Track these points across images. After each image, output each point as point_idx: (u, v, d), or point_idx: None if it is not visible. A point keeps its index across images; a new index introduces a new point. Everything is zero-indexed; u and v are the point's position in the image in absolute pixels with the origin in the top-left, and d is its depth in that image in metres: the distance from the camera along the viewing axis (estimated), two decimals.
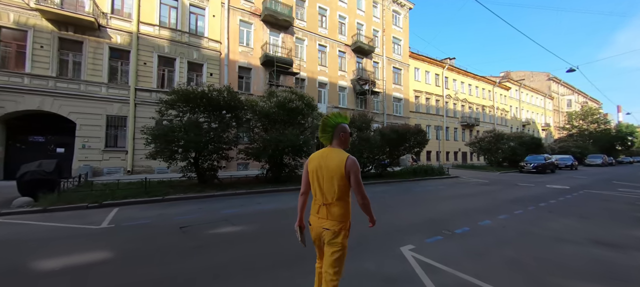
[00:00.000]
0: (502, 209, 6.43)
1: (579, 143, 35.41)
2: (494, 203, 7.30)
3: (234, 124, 9.37)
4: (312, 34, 19.85)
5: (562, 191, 9.97)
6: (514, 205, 7.01)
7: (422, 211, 6.22)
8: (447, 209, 6.41)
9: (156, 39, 14.05)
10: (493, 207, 6.66)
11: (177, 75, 14.52)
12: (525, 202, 7.37)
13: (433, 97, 29.27)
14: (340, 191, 1.78)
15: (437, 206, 6.96)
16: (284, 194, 8.58)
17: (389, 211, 6.21)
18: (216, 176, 9.75)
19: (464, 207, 6.71)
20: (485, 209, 6.52)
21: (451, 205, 7.00)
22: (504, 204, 7.19)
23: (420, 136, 13.41)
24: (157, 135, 8.00)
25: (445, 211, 6.19)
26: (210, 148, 8.64)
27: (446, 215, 5.77)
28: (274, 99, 10.16)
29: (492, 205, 7.01)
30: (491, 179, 14.04)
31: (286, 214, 5.98)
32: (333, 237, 1.78)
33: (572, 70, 17.46)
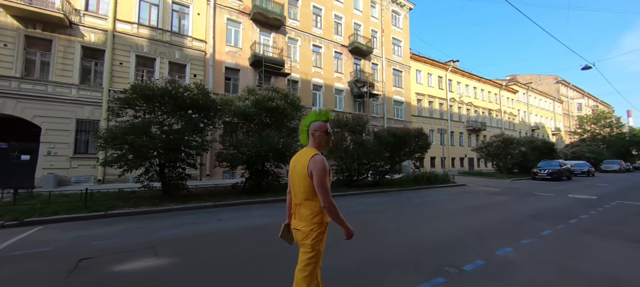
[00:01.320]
0: (524, 229, 5.00)
1: (593, 148, 33.47)
2: (512, 219, 5.86)
3: (203, 126, 8.13)
4: (306, 34, 18.79)
5: (589, 202, 8.45)
6: (537, 222, 5.57)
7: (419, 233, 4.83)
8: (453, 230, 5.01)
9: (134, 37, 13.07)
10: (512, 226, 5.24)
11: (157, 76, 13.45)
12: (551, 218, 5.92)
13: (436, 101, 27.87)
14: (306, 191, 1.71)
15: (440, 224, 5.56)
16: (258, 208, 7.26)
17: (376, 231, 4.84)
18: (184, 186, 8.50)
19: (474, 225, 5.30)
20: (502, 228, 5.10)
21: (457, 223, 5.59)
22: (525, 220, 5.75)
23: (422, 140, 12.03)
24: (107, 139, 6.81)
25: (449, 233, 4.79)
26: (169, 154, 7.37)
27: (451, 239, 4.38)
28: (252, 98, 8.95)
29: (511, 222, 5.59)
30: (502, 188, 12.53)
31: (246, 235, 4.65)
32: (303, 237, 1.72)
33: (588, 67, 16.00)
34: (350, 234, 1.75)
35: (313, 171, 1.63)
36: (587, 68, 16.12)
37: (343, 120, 11.60)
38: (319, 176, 1.61)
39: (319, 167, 1.62)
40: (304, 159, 1.70)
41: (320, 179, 1.61)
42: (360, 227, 3.29)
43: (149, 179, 7.94)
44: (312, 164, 1.64)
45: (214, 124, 8.77)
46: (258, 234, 4.76)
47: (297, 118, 10.30)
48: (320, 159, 1.64)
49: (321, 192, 1.62)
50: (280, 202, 8.14)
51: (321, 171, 1.62)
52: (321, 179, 1.61)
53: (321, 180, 1.61)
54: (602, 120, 43.40)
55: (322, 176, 1.61)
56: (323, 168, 1.62)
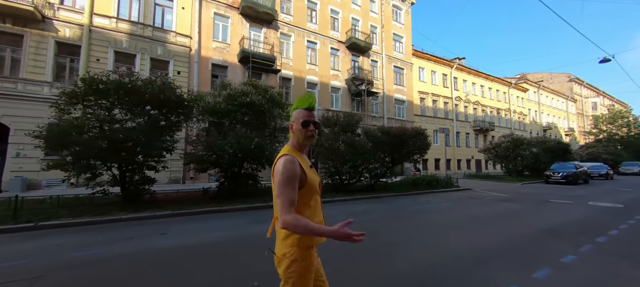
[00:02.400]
0: (538, 253, 3.85)
1: (609, 149, 31.45)
2: (524, 237, 4.70)
3: (165, 124, 7.21)
4: (300, 29, 17.85)
5: (616, 212, 7.17)
6: (555, 240, 4.41)
7: (404, 258, 3.74)
8: (448, 253, 3.90)
9: (113, 32, 12.34)
10: (523, 249, 4.08)
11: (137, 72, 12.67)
12: (573, 236, 4.74)
13: (441, 99, 26.53)
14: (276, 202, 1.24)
15: (433, 243, 4.46)
16: (221, 218, 6.27)
17: (345, 253, 3.77)
18: (148, 191, 7.60)
19: (475, 247, 4.17)
20: (510, 252, 3.96)
21: (454, 242, 4.47)
22: (540, 238, 4.58)
23: (420, 140, 10.87)
24: (47, 139, 5.94)
25: (444, 257, 3.69)
26: (122, 156, 6.46)
27: (444, 270, 3.28)
28: (224, 93, 8.00)
29: (521, 242, 4.43)
30: (512, 193, 11.24)
31: (187, 257, 3.64)
32: (277, 264, 1.29)
33: (607, 60, 14.56)
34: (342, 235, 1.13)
35: (275, 176, 1.25)
36: (606, 61, 14.67)
37: (333, 119, 10.55)
38: (278, 181, 1.21)
39: (279, 170, 1.22)
40: (275, 161, 1.31)
41: (278, 185, 1.20)
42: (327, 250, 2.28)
43: (107, 184, 7.06)
44: (276, 166, 1.26)
45: (181, 123, 7.84)
46: (204, 255, 3.77)
47: (280, 116, 9.32)
48: (284, 160, 1.22)
49: (279, 204, 1.18)
50: (254, 210, 7.16)
51: (281, 174, 1.20)
52: (279, 186, 1.19)
53: (279, 187, 1.19)
54: (619, 120, 41.07)
55: (281, 181, 1.19)
56: (285, 171, 1.19)
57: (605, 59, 14.61)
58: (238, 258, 3.70)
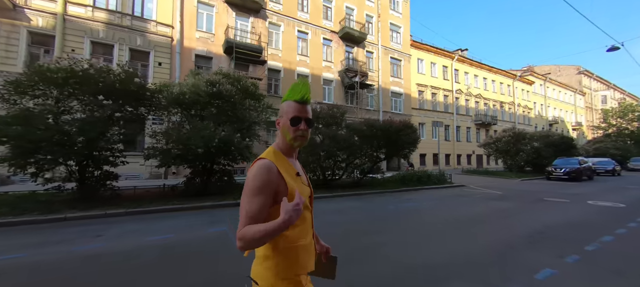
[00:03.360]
0: (510, 266, 3.25)
1: (618, 144, 30.18)
2: (501, 244, 4.09)
3: (120, 115, 6.70)
4: (290, 18, 17.14)
5: (616, 212, 6.48)
6: (535, 249, 3.78)
7: (347, 271, 3.17)
8: (403, 266, 3.32)
9: (88, 21, 11.85)
10: (495, 260, 3.48)
11: (115, 64, 12.20)
12: (559, 243, 4.11)
13: (440, 92, 25.60)
14: None
15: (395, 251, 3.88)
16: (176, 217, 5.77)
17: None
18: (109, 187, 7.15)
19: (439, 257, 3.59)
20: (477, 266, 3.36)
21: (419, 250, 3.89)
22: (519, 246, 3.96)
23: (406, 133, 10.20)
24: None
25: (396, 270, 3.12)
26: (72, 150, 5.99)
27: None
28: (190, 82, 7.45)
29: (496, 250, 3.82)
30: (507, 190, 10.55)
31: (113, 269, 3.14)
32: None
33: (616, 48, 13.57)
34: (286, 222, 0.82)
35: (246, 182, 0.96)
36: (614, 49, 13.68)
37: (314, 111, 9.94)
38: (245, 190, 0.93)
39: (250, 177, 0.94)
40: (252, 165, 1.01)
41: (243, 197, 0.93)
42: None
43: (62, 179, 6.63)
44: (248, 173, 0.97)
45: (143, 115, 7.33)
46: (136, 262, 3.28)
47: (254, 109, 8.76)
48: (257, 166, 0.94)
49: (240, 218, 0.91)
50: (219, 208, 6.66)
51: (250, 183, 0.92)
52: (244, 199, 0.92)
53: (243, 199, 0.92)
54: (629, 114, 39.42)
55: (246, 190, 0.93)
56: (254, 179, 0.92)
57: (614, 47, 13.62)
58: (168, 271, 3.17)
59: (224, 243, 4.11)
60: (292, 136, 1.00)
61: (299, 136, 1.00)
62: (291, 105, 1.00)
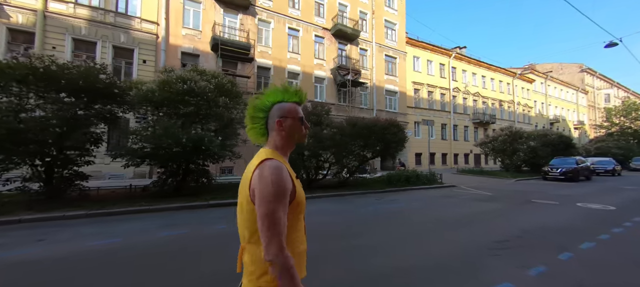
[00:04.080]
0: (471, 277, 2.94)
1: (621, 143, 29.55)
2: (473, 250, 3.78)
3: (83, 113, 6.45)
4: (280, 15, 16.83)
5: (603, 216, 6.12)
6: (502, 258, 3.47)
7: (310, 279, 2.88)
8: (370, 270, 3.03)
9: (70, 18, 11.64)
10: (459, 269, 3.18)
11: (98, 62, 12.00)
12: (530, 250, 3.79)
13: (437, 91, 25.17)
14: (249, 226, 0.94)
15: (359, 257, 3.58)
16: (138, 219, 5.50)
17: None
18: (78, 187, 6.92)
19: (411, 260, 3.30)
20: (440, 272, 3.06)
21: (390, 255, 3.60)
22: (489, 253, 3.65)
23: (391, 132, 9.86)
24: None
25: (357, 275, 2.83)
26: (32, 148, 5.75)
27: None
28: (162, 78, 7.19)
29: (466, 257, 3.51)
30: (498, 191, 10.19)
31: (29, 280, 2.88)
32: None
33: (614, 44, 13.11)
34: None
35: (256, 187, 0.87)
36: (612, 45, 13.21)
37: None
38: (265, 197, 0.84)
39: (268, 181, 0.86)
40: (250, 169, 0.95)
41: (265, 203, 0.84)
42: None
43: (25, 179, 6.40)
44: (256, 177, 0.89)
45: (111, 113, 7.08)
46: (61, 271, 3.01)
47: (230, 106, 8.47)
48: (273, 167, 0.89)
49: (265, 229, 0.83)
50: (187, 210, 6.40)
51: (270, 188, 0.85)
52: (267, 204, 0.83)
53: (267, 205, 0.83)
54: (633, 112, 38.65)
55: (269, 197, 0.84)
56: (276, 184, 0.86)
57: (612, 43, 13.16)
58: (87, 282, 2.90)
59: (170, 249, 3.84)
60: (301, 135, 1.05)
61: (304, 135, 1.06)
62: (295, 107, 1.04)
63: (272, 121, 1.02)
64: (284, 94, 1.04)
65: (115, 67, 12.50)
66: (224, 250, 3.75)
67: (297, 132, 1.04)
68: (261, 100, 1.04)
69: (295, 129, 1.03)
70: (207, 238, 4.40)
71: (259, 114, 1.04)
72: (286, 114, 1.02)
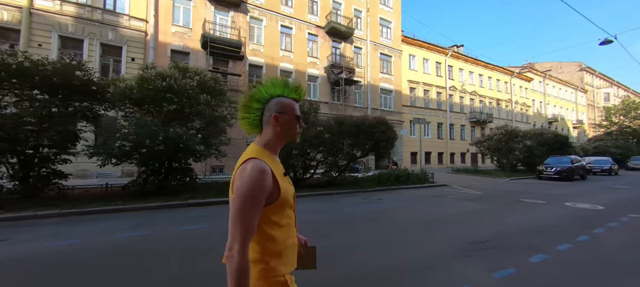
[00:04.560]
0: (436, 280, 2.81)
1: (619, 142, 29.35)
2: (447, 251, 3.65)
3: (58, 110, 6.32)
4: (273, 13, 16.68)
5: (590, 215, 5.98)
6: (474, 261, 3.32)
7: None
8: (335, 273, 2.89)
9: (56, 15, 11.51)
10: (427, 272, 3.04)
11: (85, 59, 11.87)
12: (504, 251, 3.65)
13: (433, 89, 25.00)
14: None
15: (333, 258, 3.42)
16: (106, 219, 5.37)
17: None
18: (55, 186, 6.81)
19: (382, 261, 3.16)
20: (408, 274, 2.92)
21: (363, 255, 3.45)
22: (462, 254, 3.51)
23: (382, 130, 9.72)
24: None
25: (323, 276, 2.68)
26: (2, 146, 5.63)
27: None
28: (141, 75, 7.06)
29: (438, 258, 3.38)
30: (489, 190, 10.05)
31: None
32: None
33: (609, 41, 12.93)
34: None
35: (235, 185, 0.89)
36: (607, 42, 13.03)
37: None
38: (239, 195, 0.85)
39: (245, 180, 0.86)
40: (237, 165, 0.94)
41: (236, 203, 0.85)
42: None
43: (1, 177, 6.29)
44: (237, 176, 0.90)
45: (89, 110, 6.95)
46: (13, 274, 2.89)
47: (217, 105, 8.34)
48: (253, 169, 0.87)
49: (232, 227, 0.84)
50: (163, 209, 6.26)
51: (245, 188, 0.85)
52: (238, 206, 0.84)
53: (237, 207, 0.84)
54: (632, 111, 38.37)
55: (243, 196, 0.85)
56: (251, 184, 0.85)
57: (607, 40, 12.97)
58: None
59: (134, 250, 3.71)
60: (295, 133, 1.03)
61: (298, 134, 1.05)
62: (294, 104, 1.03)
63: (268, 114, 0.99)
64: (284, 89, 1.03)
65: (103, 64, 12.39)
66: (190, 251, 3.62)
67: (292, 130, 1.02)
68: (259, 91, 1.01)
69: (291, 126, 1.02)
70: (175, 239, 4.27)
71: (255, 104, 1.01)
72: (284, 109, 1.00)
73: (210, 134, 8.11)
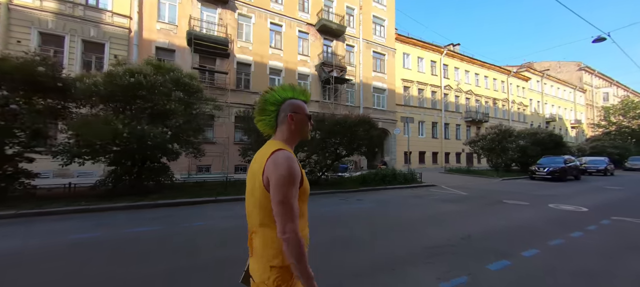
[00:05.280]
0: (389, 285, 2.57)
1: (617, 143, 29.04)
2: (410, 255, 3.41)
3: (17, 106, 6.08)
4: (262, 10, 16.42)
5: (571, 217, 5.73)
6: (433, 266, 3.08)
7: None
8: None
9: (36, 11, 11.28)
10: (376, 277, 2.80)
11: (66, 57, 11.68)
12: (465, 257, 3.40)
13: (428, 88, 24.71)
14: (262, 211, 1.02)
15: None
16: (57, 221, 5.14)
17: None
18: (24, 185, 6.58)
19: (338, 266, 2.90)
20: (362, 279, 2.68)
21: (318, 259, 3.20)
22: (423, 259, 3.28)
23: (365, 129, 9.46)
24: None
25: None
26: None
27: None
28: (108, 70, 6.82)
29: (398, 262, 3.13)
30: (475, 191, 9.81)
31: None
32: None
33: (602, 39, 12.62)
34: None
35: (271, 175, 0.97)
36: (600, 39, 12.72)
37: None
38: (280, 184, 0.95)
39: (282, 170, 0.96)
40: (261, 157, 1.04)
41: (280, 189, 0.95)
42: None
43: None
44: (270, 165, 0.98)
45: (54, 108, 6.72)
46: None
47: (190, 102, 8.09)
48: (286, 157, 0.99)
49: (281, 212, 0.94)
50: (132, 210, 6.03)
51: (284, 176, 0.95)
52: (282, 190, 0.95)
53: (282, 191, 0.94)
54: (631, 111, 38.00)
55: (284, 184, 0.95)
56: (288, 172, 0.96)
57: (600, 38, 12.67)
58: None
59: (64, 254, 3.47)
60: (308, 129, 1.17)
61: (309, 131, 1.19)
62: (303, 104, 1.16)
63: (283, 115, 1.10)
64: (294, 92, 1.14)
65: (86, 62, 12.16)
66: (133, 254, 3.38)
67: (304, 127, 1.14)
68: (273, 95, 1.12)
69: (304, 124, 1.14)
70: (124, 241, 4.03)
71: (270, 107, 1.11)
72: (297, 109, 1.12)
73: (184, 132, 7.87)
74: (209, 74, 14.80)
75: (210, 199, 7.09)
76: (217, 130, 14.53)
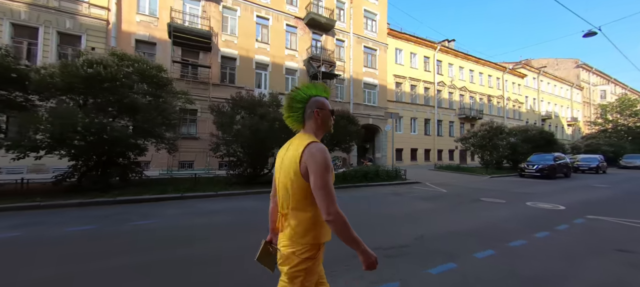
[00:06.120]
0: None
1: (612, 140, 28.81)
2: (340, 258, 3.13)
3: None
4: (248, 2, 16.03)
5: (545, 216, 5.47)
6: (368, 272, 2.82)
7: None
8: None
9: (8, 2, 10.91)
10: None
11: (40, 49, 11.34)
12: (410, 259, 3.14)
13: (421, 85, 24.37)
14: (295, 195, 1.17)
15: (216, 267, 2.93)
16: (18, 216, 4.86)
17: None
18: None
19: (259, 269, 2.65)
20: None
21: (248, 262, 2.95)
22: (359, 263, 3.01)
23: (344, 125, 9.17)
24: None
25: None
26: None
27: None
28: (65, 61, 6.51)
29: (344, 263, 2.86)
30: (457, 188, 9.57)
31: None
32: (282, 262, 1.20)
33: (593, 33, 12.31)
34: (371, 262, 1.19)
35: (310, 165, 1.11)
36: (591, 34, 12.42)
37: (236, 98, 8.99)
38: (320, 172, 1.09)
39: (319, 160, 1.10)
40: (295, 149, 1.18)
41: (321, 177, 1.09)
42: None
43: None
44: (307, 156, 1.12)
45: (11, 101, 6.43)
46: None
47: (157, 95, 7.79)
48: (320, 149, 1.13)
49: (323, 197, 1.08)
50: (89, 206, 5.75)
51: (322, 165, 1.10)
52: (322, 178, 1.09)
53: (323, 179, 1.09)
54: (627, 109, 37.71)
55: (323, 172, 1.10)
56: (325, 162, 1.11)
57: (590, 32, 12.36)
58: None
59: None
60: (331, 123, 1.29)
61: (332, 125, 1.31)
62: (326, 100, 1.29)
63: (310, 111, 1.24)
64: (316, 90, 1.27)
65: (62, 54, 11.82)
66: (30, 257, 3.11)
67: (328, 122, 1.28)
68: (299, 94, 1.25)
69: (328, 119, 1.27)
70: (44, 242, 3.75)
71: (297, 104, 1.25)
72: (322, 106, 1.25)
73: (152, 126, 7.56)
74: (193, 68, 14.47)
75: (176, 196, 6.82)
76: (200, 125, 14.23)
